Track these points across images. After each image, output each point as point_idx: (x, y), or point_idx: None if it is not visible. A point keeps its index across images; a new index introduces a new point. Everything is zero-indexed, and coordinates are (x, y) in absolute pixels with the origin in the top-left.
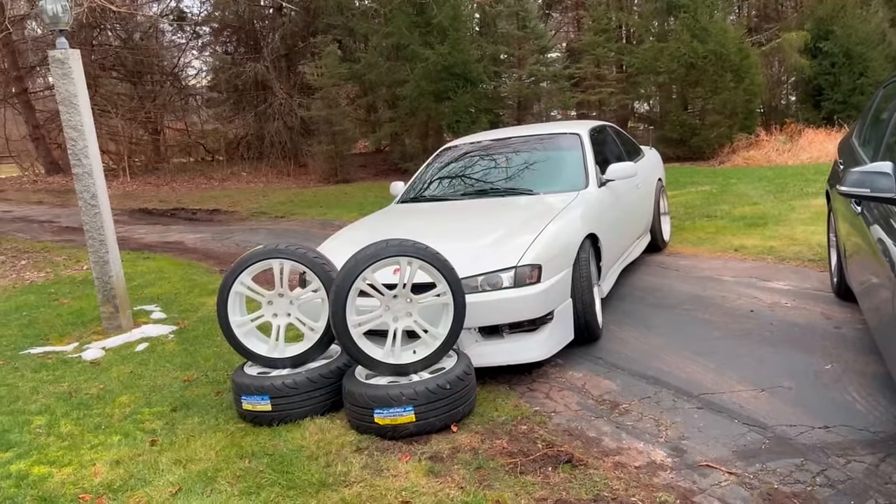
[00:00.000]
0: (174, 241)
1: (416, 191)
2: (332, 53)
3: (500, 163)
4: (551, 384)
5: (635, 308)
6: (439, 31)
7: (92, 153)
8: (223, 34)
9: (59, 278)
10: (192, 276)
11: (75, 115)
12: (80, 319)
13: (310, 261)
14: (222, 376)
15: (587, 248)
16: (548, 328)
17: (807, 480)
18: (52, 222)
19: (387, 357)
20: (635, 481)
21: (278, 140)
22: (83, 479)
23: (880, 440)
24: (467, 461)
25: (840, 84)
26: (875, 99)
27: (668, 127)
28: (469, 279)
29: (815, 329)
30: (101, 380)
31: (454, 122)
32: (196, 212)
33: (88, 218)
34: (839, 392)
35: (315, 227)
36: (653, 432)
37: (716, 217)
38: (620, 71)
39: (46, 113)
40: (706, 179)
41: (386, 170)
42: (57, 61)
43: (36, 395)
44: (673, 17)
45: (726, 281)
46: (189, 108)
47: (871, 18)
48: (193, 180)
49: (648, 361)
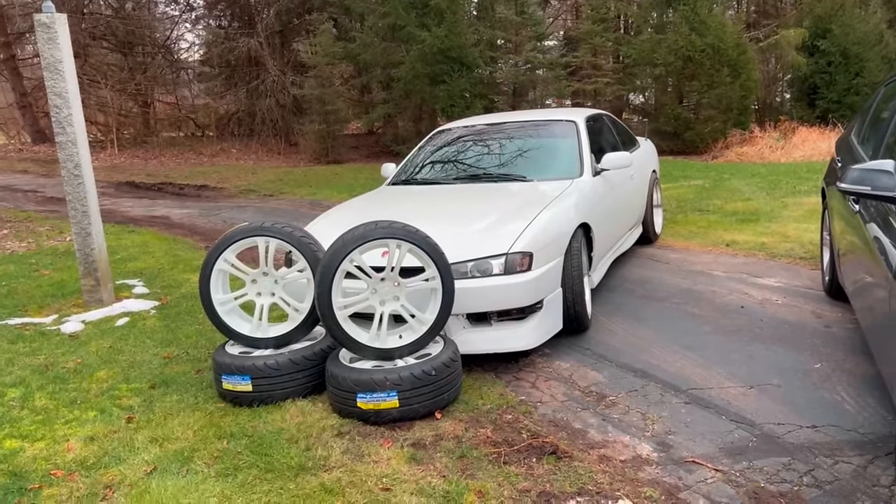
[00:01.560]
0: (160, 216)
1: (408, 173)
2: (326, 32)
3: (493, 148)
4: (538, 374)
5: (625, 300)
6: (436, 14)
7: (76, 122)
8: (217, 7)
9: (40, 249)
10: (176, 252)
11: (60, 81)
12: (61, 291)
13: (296, 240)
14: (203, 354)
15: (579, 237)
16: (536, 317)
17: (794, 480)
18: (37, 192)
19: (372, 341)
20: (620, 475)
21: (270, 118)
22: (56, 454)
23: (869, 441)
24: (450, 449)
25: (835, 83)
26: (875, 97)
27: (663, 120)
28: (459, 265)
29: (806, 327)
30: (79, 354)
31: (448, 106)
32: (184, 187)
33: (71, 188)
34: (828, 392)
35: (304, 206)
36: (639, 426)
37: (708, 211)
38: (617, 61)
39: (34, 81)
40: (699, 174)
41: (378, 152)
42: (42, 25)
43: (11, 366)
44: (672, 9)
45: (717, 276)
46: (180, 82)
47: (870, 18)
48: (182, 155)
49: (637, 354)
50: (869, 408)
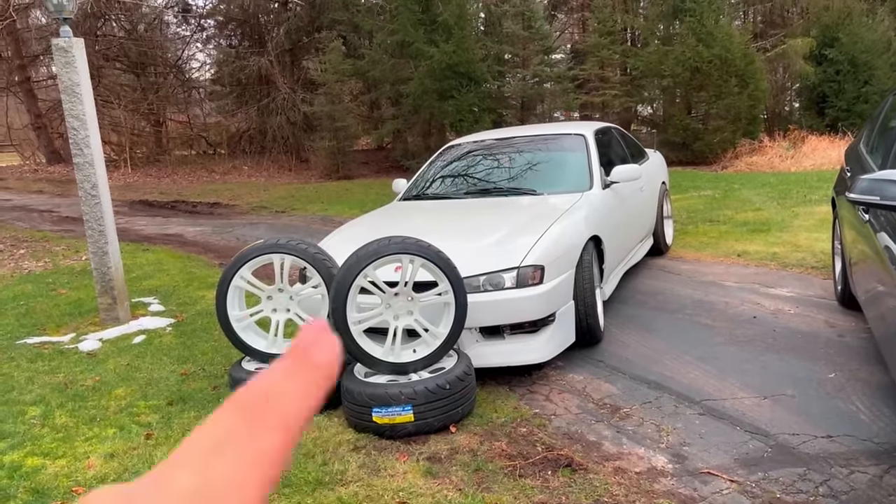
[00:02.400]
0: (174, 234)
1: (419, 188)
2: (336, 49)
3: (503, 162)
4: (552, 386)
5: (637, 312)
6: (444, 30)
7: (93, 143)
8: (228, 27)
9: (57, 268)
10: (191, 269)
11: (77, 104)
12: (78, 310)
13: (311, 256)
14: (220, 371)
15: (590, 250)
16: (549, 330)
17: (809, 490)
18: (52, 212)
19: (386, 355)
20: (636, 487)
21: (280, 135)
22: (77, 471)
23: (884, 451)
24: (466, 463)
25: (844, 92)
26: (884, 106)
27: (671, 131)
28: (471, 278)
29: (819, 337)
30: (98, 371)
31: (457, 120)
32: (196, 205)
33: (88, 208)
34: (843, 401)
35: (316, 222)
36: (654, 438)
37: (718, 222)
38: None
39: (49, 102)
40: (709, 184)
41: (388, 167)
42: (60, 50)
43: (31, 385)
44: (678, 20)
45: (729, 286)
46: (192, 101)
47: (877, 27)
48: (195, 173)
49: (650, 366)
50: (884, 417)
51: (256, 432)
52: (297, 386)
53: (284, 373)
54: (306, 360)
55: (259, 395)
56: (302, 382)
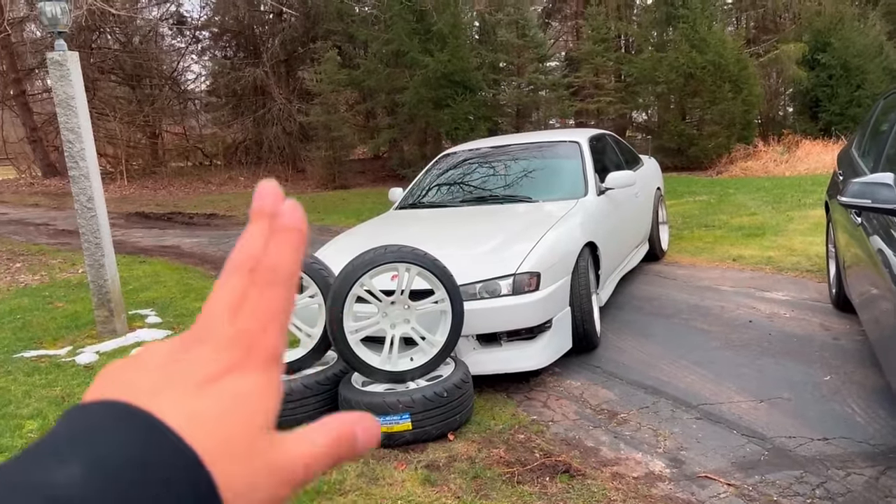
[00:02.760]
0: (171, 246)
1: (415, 197)
2: (331, 59)
3: (499, 170)
4: (549, 393)
5: (634, 317)
6: (439, 39)
7: (89, 156)
8: (223, 39)
9: (53, 281)
10: (188, 281)
11: (73, 117)
12: (75, 323)
13: (307, 266)
14: None
15: (586, 256)
16: (546, 336)
17: (806, 493)
18: (48, 225)
19: (384, 364)
20: (634, 492)
21: (277, 145)
22: None
23: (880, 453)
24: (464, 470)
25: (837, 96)
26: (875, 110)
27: (666, 137)
28: (467, 286)
29: (814, 340)
30: None
31: (453, 129)
32: (193, 216)
33: (84, 221)
34: (838, 404)
35: (313, 232)
36: (651, 442)
37: (714, 227)
38: (619, 80)
39: (44, 115)
40: (704, 189)
41: (384, 176)
42: (55, 63)
43: (28, 399)
44: (672, 27)
45: (724, 291)
46: (187, 113)
47: (869, 31)
48: (191, 184)
49: (647, 371)
50: (880, 419)
51: (265, 289)
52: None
53: (262, 236)
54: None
55: (252, 257)
56: (286, 243)
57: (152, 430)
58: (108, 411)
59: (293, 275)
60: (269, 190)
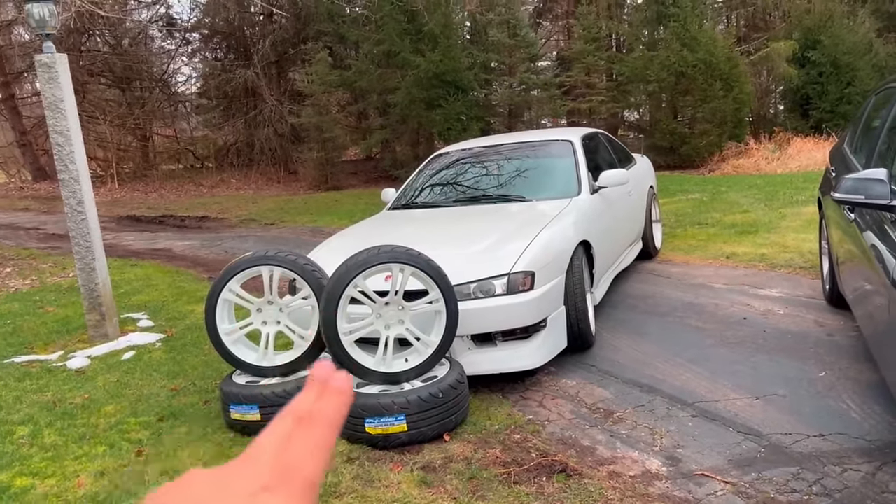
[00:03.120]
0: (162, 249)
1: (408, 197)
2: (322, 60)
3: (492, 169)
4: (545, 392)
5: (628, 316)
6: (430, 39)
7: (78, 159)
8: (213, 40)
9: (44, 286)
10: (180, 284)
11: (62, 120)
12: (66, 328)
13: (300, 267)
14: (210, 385)
15: (580, 255)
16: (541, 336)
17: (803, 489)
18: (39, 229)
19: (378, 365)
20: (630, 491)
21: (268, 147)
22: (67, 490)
23: (876, 448)
24: (460, 471)
25: (828, 93)
26: (866, 106)
27: (658, 135)
28: (462, 286)
29: (809, 337)
30: (87, 389)
31: (445, 129)
32: (185, 219)
33: (75, 224)
34: (834, 400)
35: (305, 234)
36: (647, 441)
37: (707, 225)
38: (610, 79)
39: (33, 119)
40: (696, 187)
41: (377, 177)
42: (44, 66)
43: (19, 404)
44: (663, 26)
45: (718, 288)
46: (178, 115)
47: (858, 28)
48: (182, 187)
49: (642, 369)
50: (875, 415)
51: (310, 430)
52: (328, 403)
53: (316, 395)
54: (328, 388)
55: (303, 407)
56: (332, 402)
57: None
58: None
59: (335, 423)
60: (326, 365)
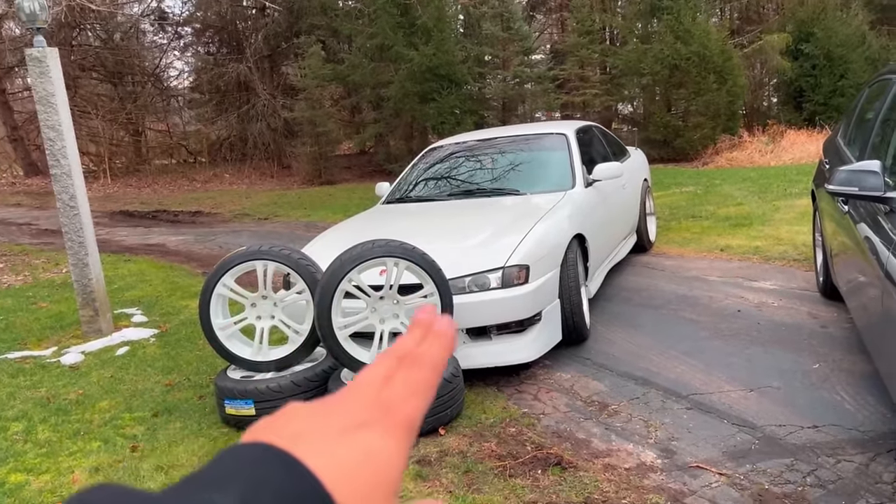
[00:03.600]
0: (156, 244)
1: (402, 191)
2: (315, 54)
3: (486, 163)
4: (539, 386)
5: (623, 308)
6: (424, 32)
7: (70, 153)
8: (205, 35)
9: (37, 282)
10: (173, 279)
11: (53, 114)
12: (59, 323)
13: (294, 262)
14: (205, 380)
15: (574, 248)
16: (536, 329)
17: (797, 481)
18: (31, 224)
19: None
20: (625, 483)
21: (261, 141)
22: (61, 486)
23: (870, 439)
24: (455, 464)
25: (821, 86)
26: (860, 99)
27: (652, 128)
28: (456, 280)
29: (803, 328)
30: (81, 385)
31: (439, 123)
32: (178, 214)
33: (67, 220)
34: (828, 391)
35: (299, 228)
36: (642, 433)
37: (701, 217)
38: (604, 72)
39: (25, 114)
40: (690, 180)
41: (371, 171)
42: (34, 60)
43: (13, 400)
44: (656, 18)
45: (713, 281)
46: (171, 110)
47: (852, 21)
48: (175, 182)
49: (637, 362)
50: (868, 406)
51: (412, 370)
52: (431, 345)
53: (419, 337)
54: (432, 330)
55: (406, 348)
56: (436, 344)
57: (292, 469)
58: (253, 451)
59: (438, 365)
60: (430, 308)
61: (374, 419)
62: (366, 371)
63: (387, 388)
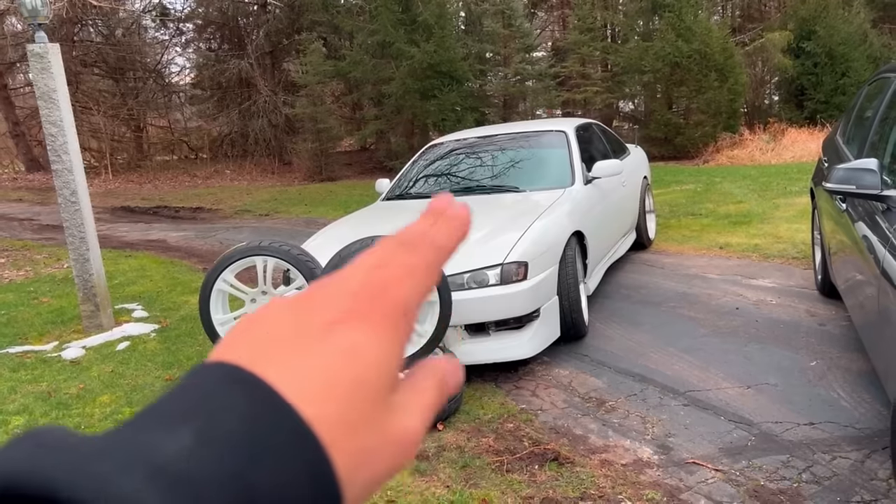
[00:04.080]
0: (157, 240)
1: (402, 188)
2: (316, 51)
3: (486, 160)
4: (538, 382)
5: (621, 306)
6: (425, 29)
7: (72, 149)
8: (207, 31)
9: (38, 277)
10: (174, 275)
11: (55, 110)
12: (60, 318)
13: (294, 258)
14: None
15: (573, 245)
16: (534, 326)
17: (793, 477)
18: (33, 220)
19: None
20: (622, 479)
21: (262, 138)
22: None
23: (865, 436)
24: (453, 460)
25: (822, 84)
26: (859, 97)
27: (653, 126)
28: (455, 276)
29: (800, 326)
30: (81, 379)
31: (440, 120)
32: (179, 210)
33: (68, 215)
34: (824, 389)
35: (300, 225)
36: (639, 430)
37: (700, 215)
38: (605, 70)
39: (27, 110)
40: (690, 178)
41: (371, 168)
42: (36, 56)
43: (14, 394)
44: (658, 16)
45: (711, 278)
46: (172, 106)
47: (853, 19)
48: (176, 178)
49: (634, 359)
50: (865, 403)
51: (412, 252)
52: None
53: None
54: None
55: (413, 233)
56: (445, 226)
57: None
58: (218, 374)
59: (444, 248)
60: (444, 196)
61: (357, 310)
62: (360, 257)
63: (378, 271)
